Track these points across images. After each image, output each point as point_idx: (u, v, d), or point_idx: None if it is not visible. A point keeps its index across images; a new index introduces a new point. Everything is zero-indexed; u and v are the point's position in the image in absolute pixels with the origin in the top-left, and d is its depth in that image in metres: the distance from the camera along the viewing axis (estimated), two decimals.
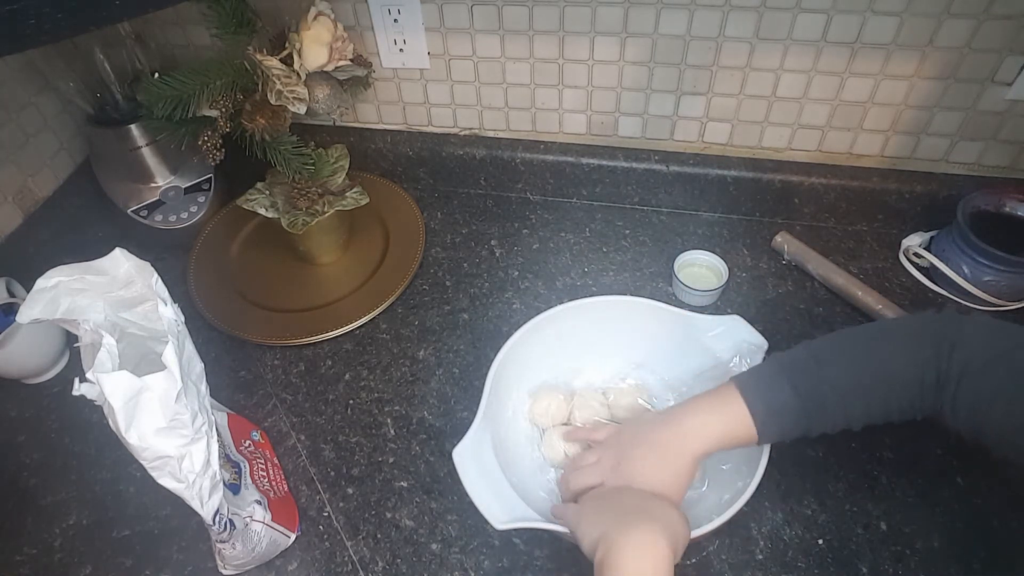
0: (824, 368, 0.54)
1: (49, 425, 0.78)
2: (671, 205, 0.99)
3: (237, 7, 0.72)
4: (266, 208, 0.86)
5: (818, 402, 0.53)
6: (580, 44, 0.87)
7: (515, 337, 0.69)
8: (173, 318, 0.55)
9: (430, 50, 0.92)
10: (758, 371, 0.57)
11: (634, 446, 0.57)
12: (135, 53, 0.91)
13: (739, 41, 0.82)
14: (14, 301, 0.82)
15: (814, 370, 0.54)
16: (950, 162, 0.89)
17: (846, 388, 0.53)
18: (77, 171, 1.00)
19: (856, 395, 0.53)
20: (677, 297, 0.87)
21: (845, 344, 0.56)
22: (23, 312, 0.53)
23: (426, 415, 0.77)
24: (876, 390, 0.53)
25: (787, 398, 0.53)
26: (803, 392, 0.53)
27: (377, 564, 0.65)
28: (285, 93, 0.72)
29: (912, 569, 0.62)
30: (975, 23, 0.75)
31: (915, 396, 0.52)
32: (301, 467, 0.73)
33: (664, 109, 0.91)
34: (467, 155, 1.01)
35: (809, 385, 0.53)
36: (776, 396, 0.54)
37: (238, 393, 0.80)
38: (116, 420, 0.48)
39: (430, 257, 0.95)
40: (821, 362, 0.54)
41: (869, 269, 0.88)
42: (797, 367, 0.55)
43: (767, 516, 0.66)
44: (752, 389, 0.55)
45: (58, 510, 0.71)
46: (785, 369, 0.55)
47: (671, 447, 0.55)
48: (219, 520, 0.56)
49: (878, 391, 0.53)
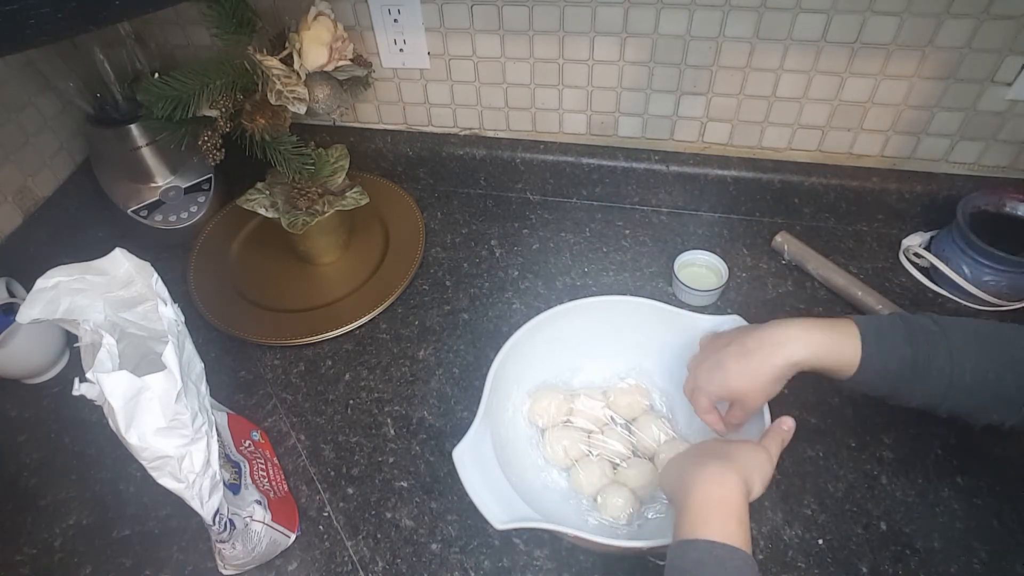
0: (947, 332, 0.54)
1: (49, 425, 0.78)
2: (671, 205, 0.99)
3: (237, 7, 0.72)
4: (266, 208, 0.86)
5: (931, 362, 0.53)
6: (580, 44, 0.87)
7: (515, 337, 0.69)
8: (173, 318, 0.55)
9: (430, 50, 0.92)
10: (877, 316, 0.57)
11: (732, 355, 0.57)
12: (135, 53, 0.91)
13: (739, 41, 0.82)
14: (14, 301, 0.82)
15: (935, 331, 0.54)
16: (950, 162, 0.89)
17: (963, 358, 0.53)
18: (77, 171, 1.00)
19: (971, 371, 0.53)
20: (677, 297, 0.87)
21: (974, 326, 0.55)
22: (23, 312, 0.53)
23: (426, 415, 0.77)
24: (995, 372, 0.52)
25: (901, 342, 0.54)
26: (918, 343, 0.53)
27: (377, 564, 0.65)
28: (285, 93, 0.72)
29: (912, 569, 0.62)
30: (975, 23, 0.75)
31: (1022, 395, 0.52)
32: (301, 467, 0.73)
33: (664, 109, 0.91)
34: (467, 155, 1.01)
35: (926, 340, 0.54)
36: (890, 336, 0.54)
37: (238, 393, 0.80)
38: (116, 420, 0.48)
39: (430, 257, 0.95)
40: (944, 328, 0.54)
41: (869, 269, 0.88)
42: (918, 322, 0.55)
43: (767, 516, 0.66)
44: (868, 322, 0.55)
45: (58, 510, 0.71)
46: (906, 320, 0.55)
47: (766, 346, 0.55)
48: (219, 520, 0.56)
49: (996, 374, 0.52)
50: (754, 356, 0.56)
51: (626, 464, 0.67)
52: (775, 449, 0.54)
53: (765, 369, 0.55)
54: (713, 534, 0.45)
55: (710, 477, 0.48)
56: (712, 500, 0.47)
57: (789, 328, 0.56)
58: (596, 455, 0.68)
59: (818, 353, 0.54)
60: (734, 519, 0.46)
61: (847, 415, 0.73)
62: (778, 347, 0.55)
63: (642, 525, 0.63)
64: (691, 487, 0.48)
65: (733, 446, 0.53)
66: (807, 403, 0.73)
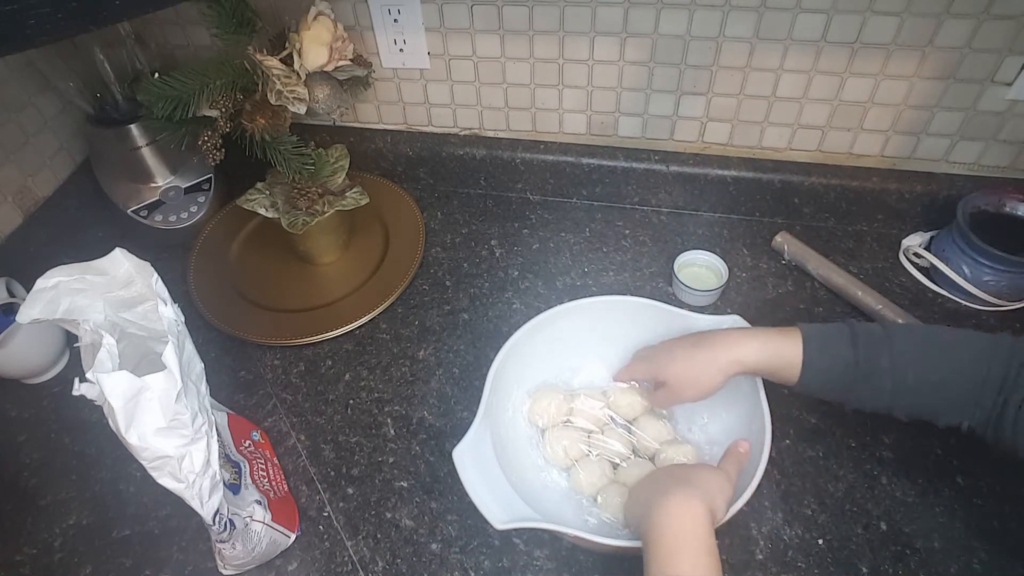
0: (894, 342, 0.55)
1: (49, 425, 0.78)
2: (671, 205, 0.99)
3: (237, 7, 0.72)
4: (266, 208, 0.86)
5: (873, 364, 0.54)
6: (580, 44, 0.87)
7: (515, 337, 0.69)
8: (173, 318, 0.55)
9: (430, 50, 0.92)
10: (825, 324, 0.59)
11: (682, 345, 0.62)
12: (135, 53, 0.91)
13: (739, 41, 0.82)
14: (14, 301, 0.82)
15: (879, 335, 0.55)
16: (950, 162, 0.89)
17: (905, 361, 0.54)
18: (77, 171, 1.00)
19: (913, 373, 0.54)
20: (677, 297, 0.87)
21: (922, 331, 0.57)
22: (23, 312, 0.53)
23: (426, 415, 0.77)
24: (938, 375, 0.53)
25: (844, 346, 0.55)
26: (861, 346, 0.55)
27: (377, 564, 0.65)
28: (285, 93, 0.72)
29: (912, 569, 0.62)
30: (975, 23, 0.75)
31: (971, 397, 0.53)
32: (301, 467, 0.73)
33: (664, 109, 0.91)
34: (467, 155, 1.01)
35: (869, 343, 0.55)
36: (834, 341, 0.56)
37: (238, 393, 0.80)
38: (116, 420, 0.48)
39: (430, 257, 0.95)
40: (890, 334, 0.56)
41: (869, 269, 0.88)
42: (864, 328, 0.56)
43: (767, 516, 0.66)
44: (813, 329, 0.58)
45: (58, 510, 0.71)
46: (852, 327, 0.57)
47: (715, 345, 0.59)
48: (219, 520, 0.56)
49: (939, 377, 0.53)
50: (701, 350, 0.60)
51: (626, 464, 0.67)
52: (733, 471, 0.56)
53: (708, 364, 0.59)
54: (684, 570, 0.45)
55: (677, 510, 0.49)
56: (681, 535, 0.47)
57: (738, 333, 0.60)
58: (596, 455, 0.68)
59: (761, 355, 0.58)
60: (703, 551, 0.46)
61: (847, 415, 0.72)
62: (725, 347, 0.59)
63: None
64: (658, 522, 0.48)
65: (693, 470, 0.55)
66: (807, 403, 0.73)
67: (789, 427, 0.72)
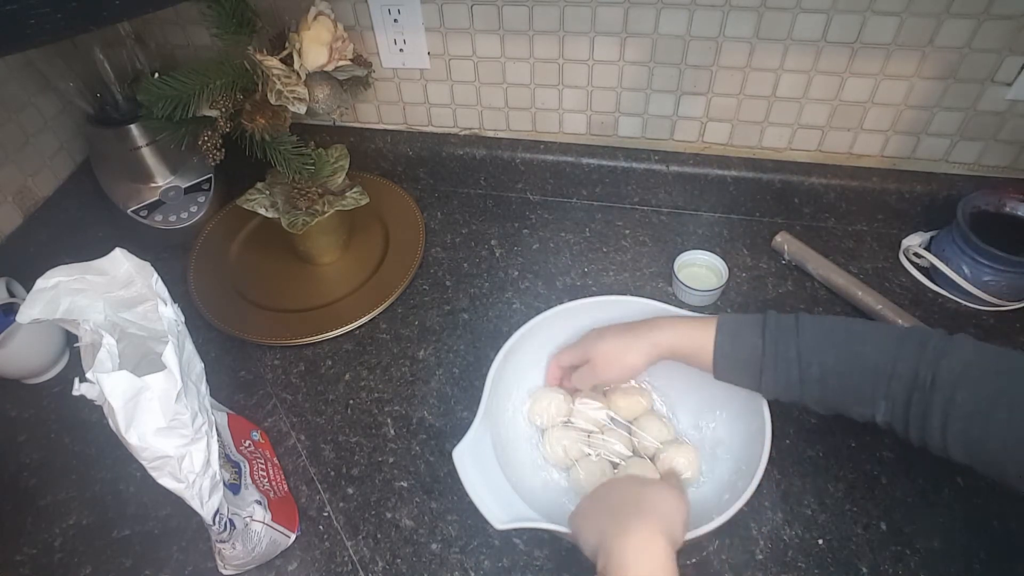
0: (801, 329, 0.57)
1: (49, 425, 0.78)
2: (671, 205, 0.99)
3: (237, 7, 0.72)
4: (266, 208, 0.86)
5: (780, 353, 0.56)
6: (580, 44, 0.87)
7: (515, 337, 0.69)
8: (173, 318, 0.55)
9: (430, 50, 0.92)
10: (744, 315, 0.61)
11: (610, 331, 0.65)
12: (135, 53, 0.91)
13: (739, 41, 0.82)
14: (14, 301, 0.82)
15: (791, 327, 0.57)
16: (950, 162, 0.89)
17: (811, 352, 0.55)
18: (77, 171, 1.00)
19: (817, 363, 0.55)
20: (677, 297, 0.87)
21: (831, 323, 0.58)
22: (23, 312, 0.53)
23: (426, 415, 0.77)
24: (842, 366, 0.54)
25: (754, 337, 0.58)
26: (769, 334, 0.57)
27: (377, 564, 0.65)
28: (285, 93, 0.72)
29: (912, 569, 0.62)
30: (975, 23, 0.75)
31: (880, 389, 0.53)
32: (301, 467, 0.73)
33: (664, 109, 0.91)
34: (467, 155, 1.01)
35: (778, 332, 0.57)
36: (745, 329, 0.59)
37: (238, 393, 0.80)
38: (116, 420, 0.48)
39: (430, 257, 0.95)
40: (801, 324, 0.57)
41: (869, 269, 0.88)
42: (778, 322, 0.58)
43: (767, 516, 0.66)
44: (730, 318, 0.60)
45: (58, 510, 0.71)
46: (766, 317, 0.59)
47: (640, 330, 0.63)
48: (219, 520, 0.56)
49: (843, 368, 0.54)
50: (628, 335, 0.63)
51: (626, 464, 0.67)
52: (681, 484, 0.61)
53: (630, 346, 0.63)
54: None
55: (638, 546, 0.47)
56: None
57: (664, 320, 0.64)
58: (596, 455, 0.68)
59: (677, 341, 0.61)
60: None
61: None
62: (647, 332, 0.63)
63: None
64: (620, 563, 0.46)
65: (647, 493, 0.53)
66: None
67: (789, 427, 0.72)
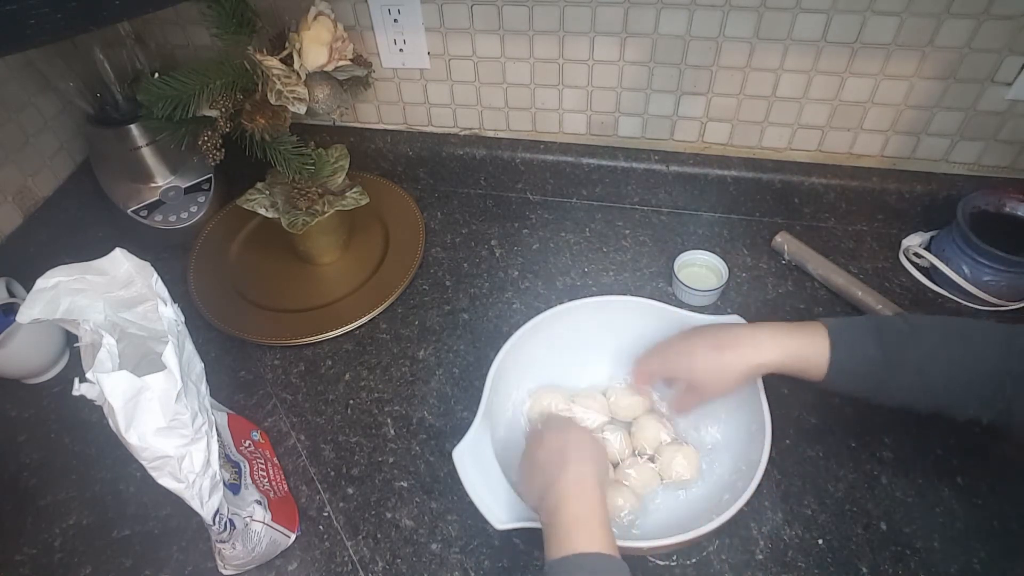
0: (917, 333, 0.55)
1: (49, 425, 0.78)
2: (671, 205, 0.99)
3: (237, 7, 0.72)
4: (266, 208, 0.86)
5: (899, 359, 0.54)
6: (580, 44, 0.87)
7: (515, 337, 0.69)
8: (173, 318, 0.55)
9: (430, 50, 0.92)
10: (849, 318, 0.58)
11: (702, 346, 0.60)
12: (135, 53, 0.91)
13: (739, 41, 0.82)
14: (14, 301, 0.82)
15: (906, 332, 0.55)
16: (950, 162, 0.89)
17: (932, 357, 0.54)
18: (77, 171, 1.00)
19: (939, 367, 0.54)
20: (677, 297, 0.87)
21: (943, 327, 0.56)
22: (23, 312, 0.53)
23: (426, 415, 0.77)
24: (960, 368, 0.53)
25: (871, 344, 0.55)
26: (888, 344, 0.54)
27: (377, 564, 0.65)
28: (285, 93, 0.72)
29: (912, 569, 0.62)
30: (975, 23, 0.75)
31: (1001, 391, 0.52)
32: (301, 467, 0.73)
33: (664, 109, 0.91)
34: (467, 155, 1.01)
35: (896, 341, 0.54)
36: (861, 338, 0.55)
37: (238, 393, 0.80)
38: (116, 420, 0.48)
39: (430, 257, 0.95)
40: (915, 328, 0.55)
41: (869, 269, 0.88)
42: (889, 325, 0.56)
43: (767, 516, 0.66)
44: (839, 325, 0.57)
45: (58, 510, 0.71)
46: (878, 323, 0.56)
47: (739, 346, 0.58)
48: (219, 520, 0.56)
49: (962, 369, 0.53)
50: (725, 352, 0.58)
51: (626, 464, 0.67)
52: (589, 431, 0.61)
53: (734, 366, 0.58)
54: (580, 546, 0.48)
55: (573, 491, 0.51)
56: (580, 516, 0.50)
57: (761, 331, 0.59)
58: None
59: (787, 357, 0.57)
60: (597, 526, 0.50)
61: (847, 415, 0.73)
62: (750, 348, 0.58)
63: (642, 525, 0.63)
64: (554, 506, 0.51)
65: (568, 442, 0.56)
66: (807, 403, 0.73)
67: (789, 427, 0.72)
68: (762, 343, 0.58)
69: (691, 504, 0.64)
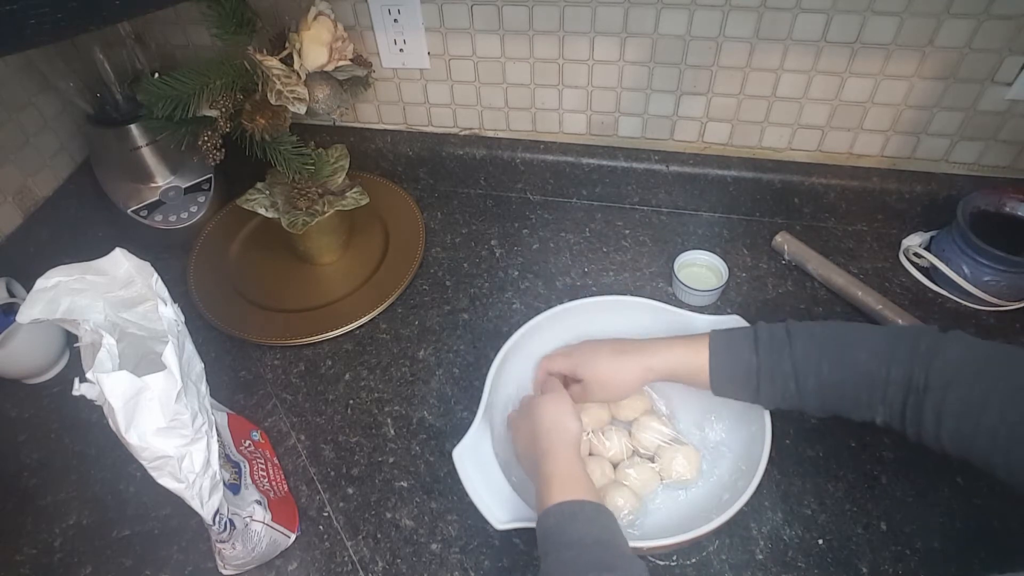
0: (793, 341, 0.57)
1: (49, 425, 0.78)
2: (671, 205, 0.99)
3: (237, 7, 0.72)
4: (266, 208, 0.86)
5: (773, 365, 0.57)
6: (580, 44, 0.87)
7: (515, 337, 0.69)
8: (173, 318, 0.55)
9: (430, 50, 0.92)
10: (733, 329, 0.62)
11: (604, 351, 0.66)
12: (135, 53, 0.91)
13: (739, 41, 0.82)
14: (14, 301, 0.82)
15: (783, 339, 0.58)
16: (950, 162, 0.89)
17: (806, 364, 0.56)
18: (77, 171, 1.00)
19: (814, 375, 0.56)
20: (677, 297, 0.87)
21: (823, 331, 0.58)
22: (23, 312, 0.53)
23: (426, 415, 0.77)
24: (837, 375, 0.55)
25: (747, 352, 0.58)
26: (763, 352, 0.57)
27: (377, 564, 0.65)
28: (285, 93, 0.72)
29: (912, 569, 0.62)
30: (975, 23, 0.75)
31: (877, 395, 0.54)
32: (301, 467, 0.73)
33: (664, 109, 0.91)
34: (467, 155, 1.01)
35: (771, 348, 0.57)
36: (737, 346, 0.59)
37: (238, 393, 0.80)
38: (116, 420, 0.48)
39: (430, 257, 0.95)
40: (792, 335, 0.58)
41: (869, 269, 0.88)
42: (770, 333, 0.59)
43: (767, 516, 0.66)
44: (720, 335, 0.61)
45: (58, 510, 0.71)
46: (758, 332, 0.59)
47: (635, 353, 0.64)
48: (219, 520, 0.56)
49: (838, 377, 0.55)
50: (623, 357, 0.64)
51: (626, 464, 0.67)
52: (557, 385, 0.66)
53: (629, 369, 0.63)
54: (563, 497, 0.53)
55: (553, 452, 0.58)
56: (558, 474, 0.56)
57: (659, 342, 0.64)
58: (596, 455, 0.68)
59: (676, 364, 0.62)
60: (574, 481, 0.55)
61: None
62: (645, 355, 0.63)
63: (642, 525, 0.63)
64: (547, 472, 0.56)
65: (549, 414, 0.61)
66: None
67: (789, 427, 0.72)
68: (657, 352, 0.63)
69: (691, 504, 0.64)
